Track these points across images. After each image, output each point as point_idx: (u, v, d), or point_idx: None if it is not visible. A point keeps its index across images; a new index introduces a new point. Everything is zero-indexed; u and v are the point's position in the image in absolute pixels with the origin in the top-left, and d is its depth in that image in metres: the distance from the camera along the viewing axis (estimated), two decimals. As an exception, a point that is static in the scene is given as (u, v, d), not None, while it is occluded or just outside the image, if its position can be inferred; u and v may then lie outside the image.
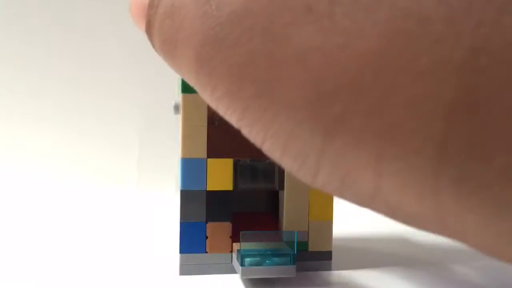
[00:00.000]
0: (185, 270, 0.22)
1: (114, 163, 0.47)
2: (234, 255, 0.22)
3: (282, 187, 0.23)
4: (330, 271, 0.23)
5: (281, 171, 0.23)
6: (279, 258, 0.20)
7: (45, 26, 0.47)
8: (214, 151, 0.22)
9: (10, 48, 0.48)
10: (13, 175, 0.46)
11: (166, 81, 0.40)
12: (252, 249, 0.21)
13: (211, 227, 0.22)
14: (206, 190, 0.22)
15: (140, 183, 0.47)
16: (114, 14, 0.47)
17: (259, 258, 0.20)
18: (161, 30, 0.14)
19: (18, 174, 0.46)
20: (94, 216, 0.38)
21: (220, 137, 0.22)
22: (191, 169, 0.22)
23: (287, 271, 0.20)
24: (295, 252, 0.21)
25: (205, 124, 0.22)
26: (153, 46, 0.15)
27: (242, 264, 0.20)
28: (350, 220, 0.33)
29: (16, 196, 0.43)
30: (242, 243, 0.21)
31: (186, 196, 0.22)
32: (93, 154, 0.47)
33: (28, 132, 0.47)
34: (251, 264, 0.20)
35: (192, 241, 0.22)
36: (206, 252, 0.22)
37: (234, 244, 0.22)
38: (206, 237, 0.22)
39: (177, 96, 0.23)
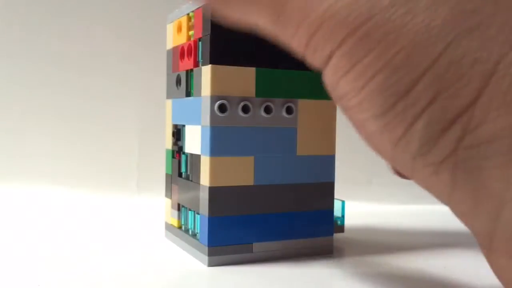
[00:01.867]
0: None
1: (114, 164, 0.47)
2: None
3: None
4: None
5: None
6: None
7: (44, 27, 0.47)
8: None
9: (9, 50, 0.47)
10: (12, 176, 0.46)
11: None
12: None
13: None
14: None
15: (140, 184, 0.47)
16: (113, 15, 0.47)
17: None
18: None
19: (17, 174, 0.46)
20: (95, 216, 0.38)
21: None
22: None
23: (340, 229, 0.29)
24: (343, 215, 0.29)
25: None
26: None
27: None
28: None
29: (16, 196, 0.43)
30: None
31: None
32: (93, 155, 0.47)
33: (28, 132, 0.47)
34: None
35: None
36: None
37: None
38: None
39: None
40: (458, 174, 0.15)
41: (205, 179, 0.24)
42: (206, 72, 0.24)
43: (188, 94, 0.26)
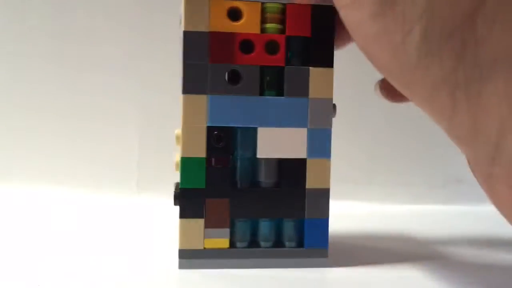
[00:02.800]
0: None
1: (113, 163, 0.47)
2: None
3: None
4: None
5: None
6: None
7: (44, 27, 0.47)
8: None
9: (9, 49, 0.47)
10: (12, 176, 0.46)
11: (166, 81, 0.40)
12: None
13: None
14: None
15: (140, 183, 0.47)
16: (113, 14, 0.47)
17: None
18: None
19: (17, 174, 0.46)
20: (95, 217, 0.38)
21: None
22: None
23: None
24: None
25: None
26: None
27: None
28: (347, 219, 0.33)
29: (16, 196, 0.43)
30: None
31: None
32: (93, 155, 0.47)
33: (28, 131, 0.47)
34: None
35: None
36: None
37: None
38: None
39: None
40: (458, 96, 0.14)
41: (322, 182, 0.24)
42: (322, 74, 0.24)
43: (262, 92, 0.24)
